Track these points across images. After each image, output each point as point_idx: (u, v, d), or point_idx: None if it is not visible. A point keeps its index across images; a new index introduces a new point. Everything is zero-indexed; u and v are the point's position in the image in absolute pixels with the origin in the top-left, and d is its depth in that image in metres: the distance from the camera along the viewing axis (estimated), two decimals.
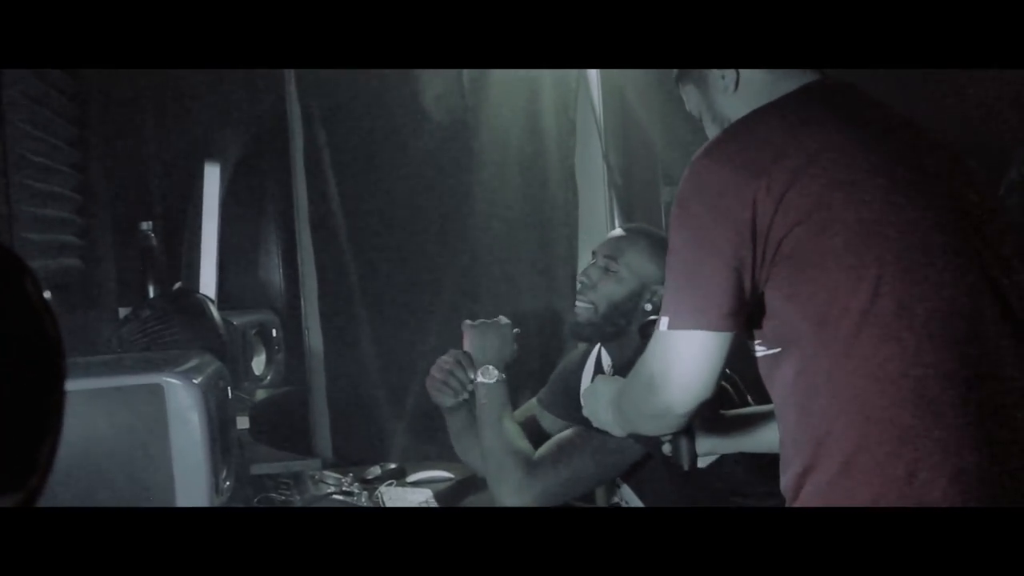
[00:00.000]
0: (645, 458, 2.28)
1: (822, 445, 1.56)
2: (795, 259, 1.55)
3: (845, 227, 1.54)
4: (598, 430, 2.10)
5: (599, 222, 3.55)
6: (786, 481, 1.64)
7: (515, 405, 2.64)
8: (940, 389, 1.51)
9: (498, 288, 3.52)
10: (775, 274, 1.57)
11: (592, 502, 3.15)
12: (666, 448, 1.97)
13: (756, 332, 1.65)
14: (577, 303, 2.48)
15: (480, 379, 2.49)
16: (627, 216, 3.52)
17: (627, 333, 2.42)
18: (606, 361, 2.54)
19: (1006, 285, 1.60)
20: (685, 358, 1.59)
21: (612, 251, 2.44)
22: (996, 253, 1.61)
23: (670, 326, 1.60)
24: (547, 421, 2.64)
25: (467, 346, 2.57)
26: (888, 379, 1.52)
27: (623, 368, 2.20)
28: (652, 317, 1.94)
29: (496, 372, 2.49)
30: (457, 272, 3.51)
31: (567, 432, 2.37)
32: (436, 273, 3.50)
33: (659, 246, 2.40)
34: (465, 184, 3.51)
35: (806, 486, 1.58)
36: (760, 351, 1.66)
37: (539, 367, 3.23)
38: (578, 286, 2.49)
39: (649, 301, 2.40)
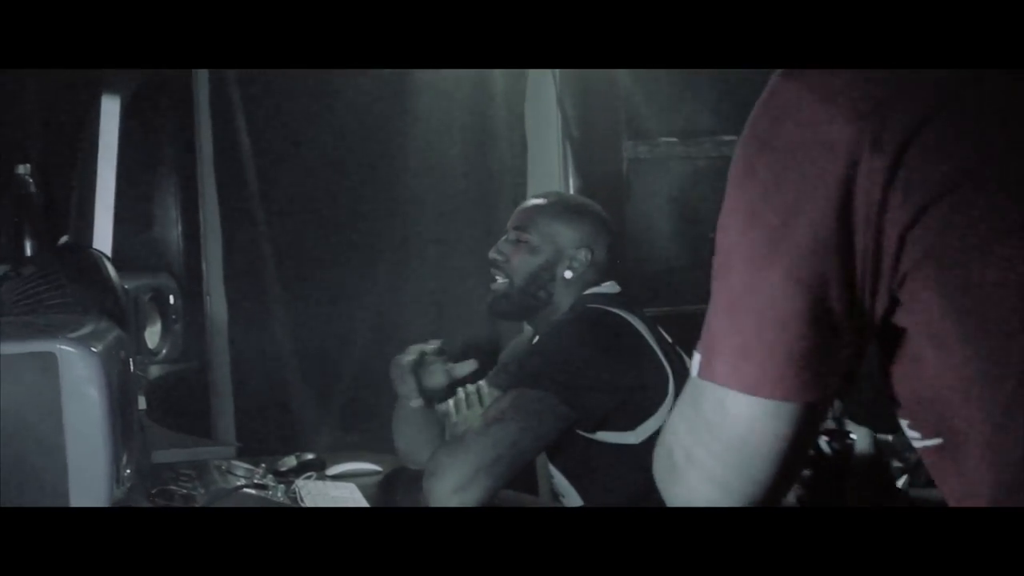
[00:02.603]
0: (571, 435, 2.37)
1: None
2: (935, 271, 1.02)
3: (1007, 217, 1.01)
4: (526, 396, 2.27)
5: (551, 179, 3.53)
6: None
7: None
8: None
9: (434, 252, 3.51)
10: (907, 299, 1.04)
11: (535, 490, 3.17)
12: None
13: (900, 409, 1.13)
14: (493, 282, 2.61)
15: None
16: (583, 174, 3.51)
17: (550, 305, 2.55)
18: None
19: None
20: (717, 430, 1.09)
21: (522, 221, 2.58)
22: None
23: (700, 372, 1.10)
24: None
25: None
26: None
27: None
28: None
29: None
30: (387, 233, 3.49)
31: (492, 403, 2.45)
32: (363, 235, 3.47)
33: (573, 210, 2.58)
34: (399, 134, 3.47)
35: None
36: (914, 438, 1.14)
37: (485, 339, 3.24)
38: (491, 263, 2.61)
39: (568, 268, 2.53)
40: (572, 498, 2.50)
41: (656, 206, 3.76)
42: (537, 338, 2.56)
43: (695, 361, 1.12)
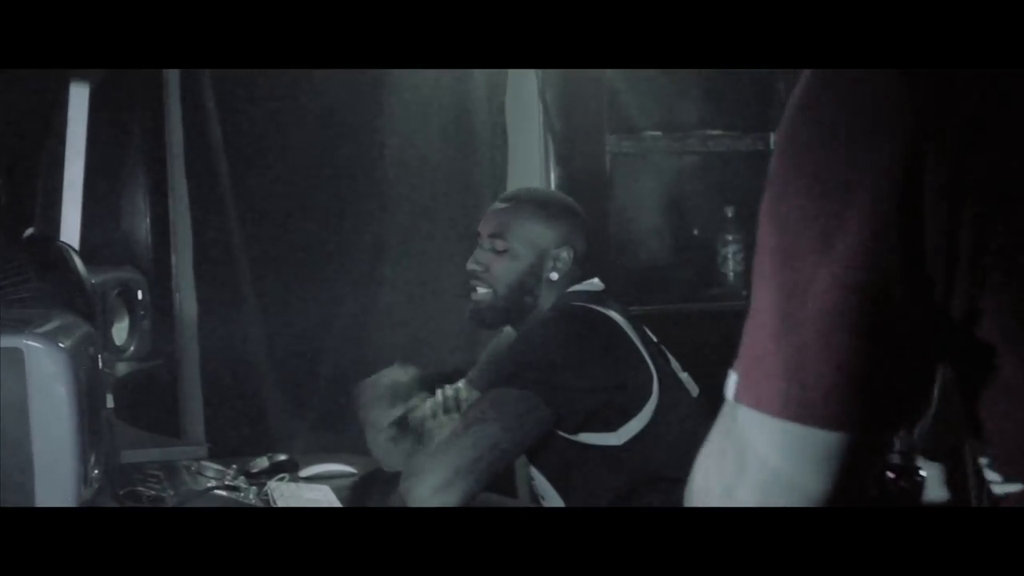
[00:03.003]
0: (552, 436, 2.36)
1: None
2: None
3: None
4: (507, 396, 2.26)
5: (532, 174, 3.52)
6: None
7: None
8: None
9: (412, 247, 3.49)
10: (991, 305, 0.89)
11: (514, 493, 3.17)
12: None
13: (980, 443, 0.98)
14: (473, 294, 2.56)
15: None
16: (565, 168, 3.50)
17: (536, 308, 2.52)
18: None
19: None
20: (757, 463, 0.95)
21: (497, 228, 2.53)
22: None
23: (736, 394, 0.96)
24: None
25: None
26: None
27: None
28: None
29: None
30: (364, 226, 3.47)
31: (472, 403, 2.45)
32: (337, 229, 3.45)
33: (548, 208, 2.54)
34: (376, 125, 3.46)
35: None
36: (993, 482, 0.99)
37: (464, 339, 3.22)
38: (470, 274, 2.57)
39: (553, 269, 2.50)
40: (552, 500, 2.49)
41: (640, 202, 3.76)
42: (518, 336, 2.54)
43: (730, 382, 0.97)
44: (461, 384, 2.72)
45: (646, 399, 2.37)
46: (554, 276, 2.50)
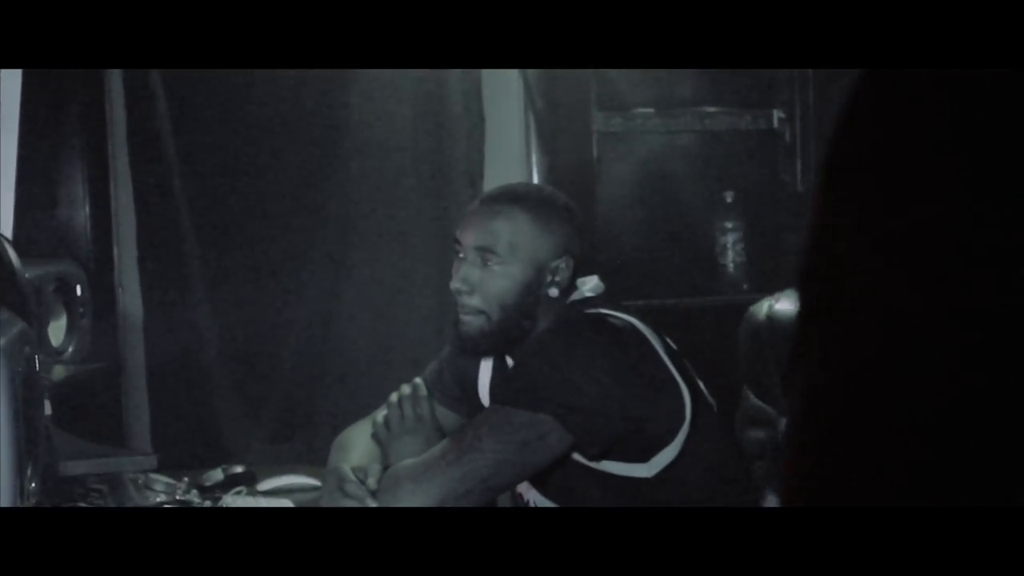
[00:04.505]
0: (564, 461, 2.27)
1: None
2: None
3: None
4: (511, 420, 2.18)
5: (513, 158, 3.52)
6: None
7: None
8: None
9: (378, 242, 3.48)
10: None
11: None
12: None
13: None
14: (461, 316, 2.37)
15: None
16: (548, 149, 3.50)
17: (534, 331, 2.35)
18: (511, 360, 2.48)
19: None
20: None
21: (484, 239, 2.34)
22: None
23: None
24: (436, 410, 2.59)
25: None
26: None
27: None
28: None
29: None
30: (324, 220, 3.47)
31: (463, 424, 2.40)
32: (297, 220, 3.45)
33: (544, 211, 2.33)
34: (338, 107, 3.46)
35: None
36: None
37: (434, 336, 3.22)
38: (456, 295, 2.38)
39: (552, 284, 2.34)
40: None
41: (630, 186, 3.76)
42: (526, 350, 2.35)
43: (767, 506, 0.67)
44: (419, 381, 2.57)
45: (680, 424, 2.26)
46: (553, 292, 2.33)
